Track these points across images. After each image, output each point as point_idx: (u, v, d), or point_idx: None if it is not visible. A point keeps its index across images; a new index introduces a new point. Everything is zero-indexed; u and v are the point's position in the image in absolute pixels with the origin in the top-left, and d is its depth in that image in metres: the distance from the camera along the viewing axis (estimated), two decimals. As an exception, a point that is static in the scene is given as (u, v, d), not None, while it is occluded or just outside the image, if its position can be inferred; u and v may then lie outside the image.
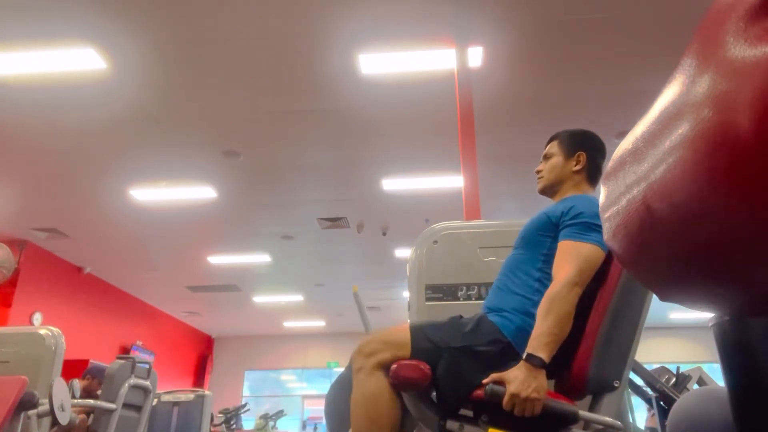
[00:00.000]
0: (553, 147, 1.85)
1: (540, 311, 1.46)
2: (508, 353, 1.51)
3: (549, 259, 1.61)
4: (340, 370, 4.87)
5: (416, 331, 1.56)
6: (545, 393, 1.38)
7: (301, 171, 5.65)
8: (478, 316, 1.63)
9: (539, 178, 1.87)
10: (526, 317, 1.55)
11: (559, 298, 1.44)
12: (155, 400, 4.47)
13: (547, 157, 1.86)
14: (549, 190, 1.85)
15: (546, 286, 1.53)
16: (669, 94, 0.48)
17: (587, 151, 1.80)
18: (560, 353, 1.44)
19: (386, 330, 1.62)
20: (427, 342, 1.53)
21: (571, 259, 1.51)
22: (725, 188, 0.40)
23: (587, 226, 1.56)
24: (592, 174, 1.81)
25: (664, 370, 3.61)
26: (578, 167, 1.79)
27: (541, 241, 1.66)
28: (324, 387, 11.78)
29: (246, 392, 12.79)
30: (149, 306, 10.35)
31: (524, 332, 1.51)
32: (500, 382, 1.40)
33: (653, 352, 10.38)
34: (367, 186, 5.96)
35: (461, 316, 1.65)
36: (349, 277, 8.90)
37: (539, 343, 1.41)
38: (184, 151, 5.27)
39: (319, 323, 11.90)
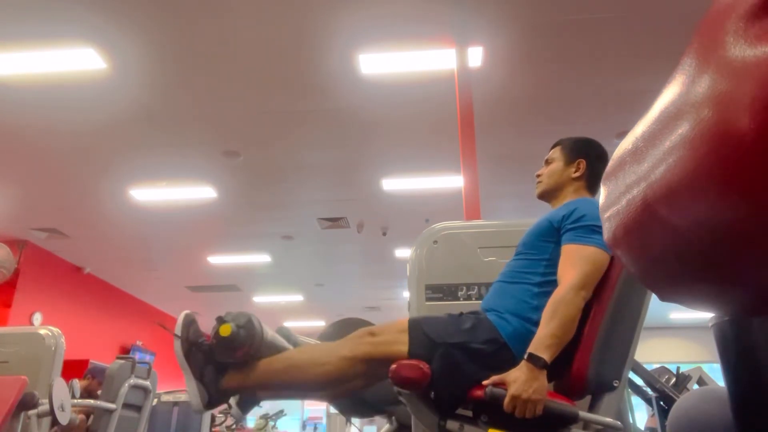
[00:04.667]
0: (555, 152, 1.86)
1: (545, 314, 1.45)
2: (503, 354, 1.51)
3: (551, 264, 1.60)
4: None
5: (414, 325, 1.57)
6: (546, 394, 1.38)
7: (301, 171, 5.65)
8: (477, 314, 1.62)
9: (538, 182, 1.87)
10: (524, 322, 1.54)
11: (565, 302, 1.44)
12: (155, 400, 4.47)
13: (548, 162, 1.87)
14: (547, 195, 1.85)
15: (548, 292, 1.52)
16: (669, 94, 0.48)
17: (587, 159, 1.80)
18: (560, 354, 1.43)
19: (388, 324, 1.62)
20: (423, 336, 1.53)
21: (575, 262, 1.51)
22: (725, 188, 0.40)
23: (590, 229, 1.55)
24: (592, 182, 1.81)
25: (664, 370, 3.61)
26: (577, 174, 1.79)
27: (543, 246, 1.65)
28: (324, 387, 11.75)
29: (246, 392, 12.77)
30: (149, 306, 10.34)
31: (521, 336, 1.51)
32: (500, 384, 1.40)
33: (653, 352, 10.37)
34: (367, 186, 5.96)
35: (461, 313, 1.65)
36: (349, 277, 8.89)
37: (542, 344, 1.40)
38: (184, 151, 5.27)
39: (319, 323, 11.89)
